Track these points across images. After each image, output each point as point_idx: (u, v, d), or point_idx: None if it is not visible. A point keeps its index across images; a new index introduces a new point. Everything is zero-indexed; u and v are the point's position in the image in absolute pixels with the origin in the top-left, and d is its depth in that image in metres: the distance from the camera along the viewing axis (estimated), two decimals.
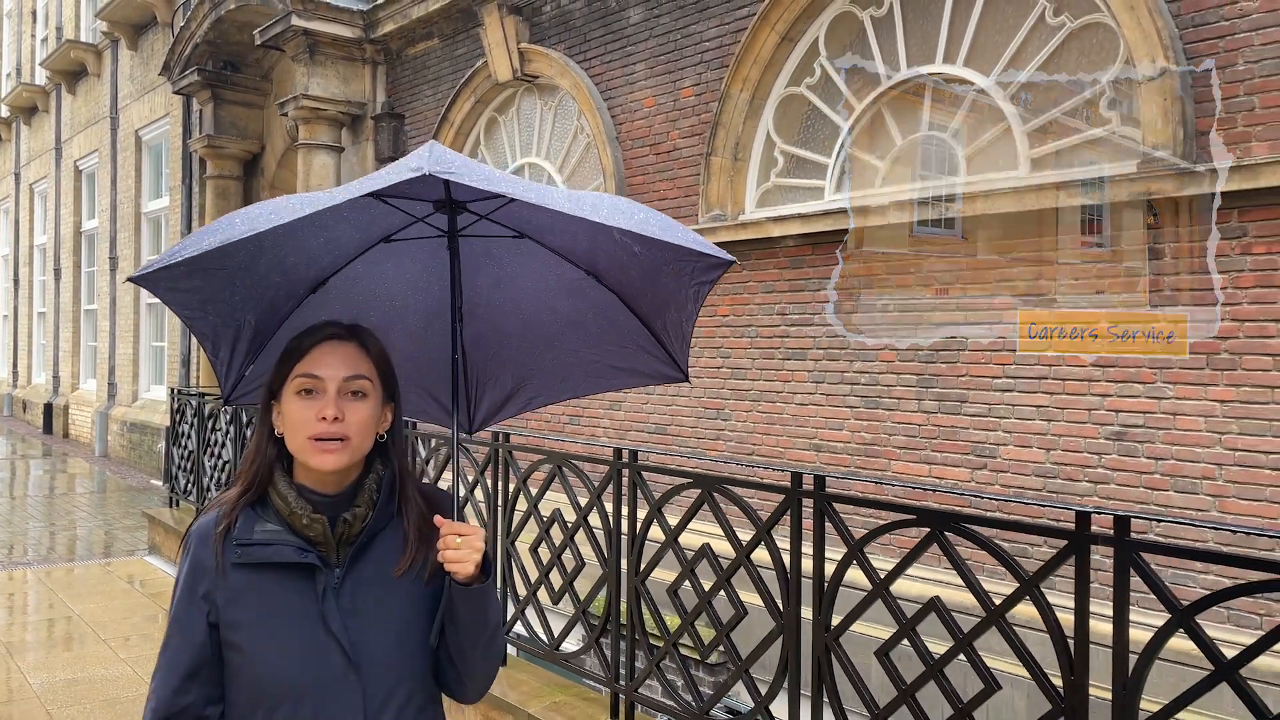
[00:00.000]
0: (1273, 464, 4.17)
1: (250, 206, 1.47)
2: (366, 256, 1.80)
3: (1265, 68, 4.20)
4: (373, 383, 1.53)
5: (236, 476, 1.56)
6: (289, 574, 1.47)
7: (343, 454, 1.48)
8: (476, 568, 1.47)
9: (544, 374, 1.97)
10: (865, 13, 5.91)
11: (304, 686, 1.44)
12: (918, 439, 5.44)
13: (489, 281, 1.83)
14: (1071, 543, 2.41)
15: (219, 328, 1.69)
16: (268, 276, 1.68)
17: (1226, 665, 2.15)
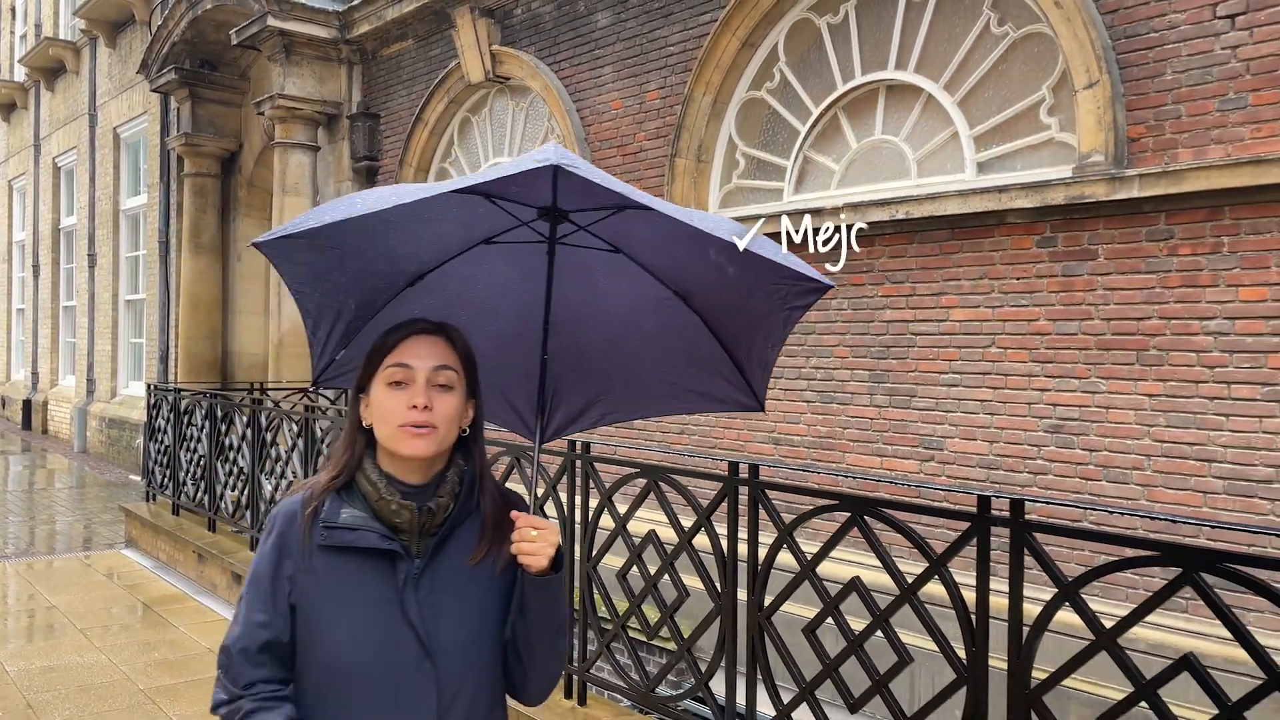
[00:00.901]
0: (1196, 455, 4.39)
1: (375, 189, 1.51)
2: (466, 256, 1.82)
3: (1191, 78, 4.41)
4: (458, 375, 1.57)
5: (325, 463, 1.61)
6: (371, 560, 1.50)
7: (431, 441, 1.51)
8: (549, 561, 1.51)
9: (620, 391, 1.98)
10: (822, 20, 6.10)
11: (379, 672, 1.48)
12: (870, 432, 5.65)
13: (578, 294, 1.83)
14: (974, 524, 2.61)
15: (323, 306, 1.72)
16: (375, 264, 1.72)
17: (1106, 635, 2.35)
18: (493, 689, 1.57)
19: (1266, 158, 4.11)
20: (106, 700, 4.81)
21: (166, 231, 12.73)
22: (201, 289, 11.66)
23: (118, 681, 5.08)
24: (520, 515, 1.53)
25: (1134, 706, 2.31)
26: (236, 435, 7.12)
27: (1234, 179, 4.18)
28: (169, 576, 7.40)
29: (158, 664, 5.37)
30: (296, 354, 9.81)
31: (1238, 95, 4.28)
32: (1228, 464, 4.30)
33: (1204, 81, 4.38)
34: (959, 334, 5.23)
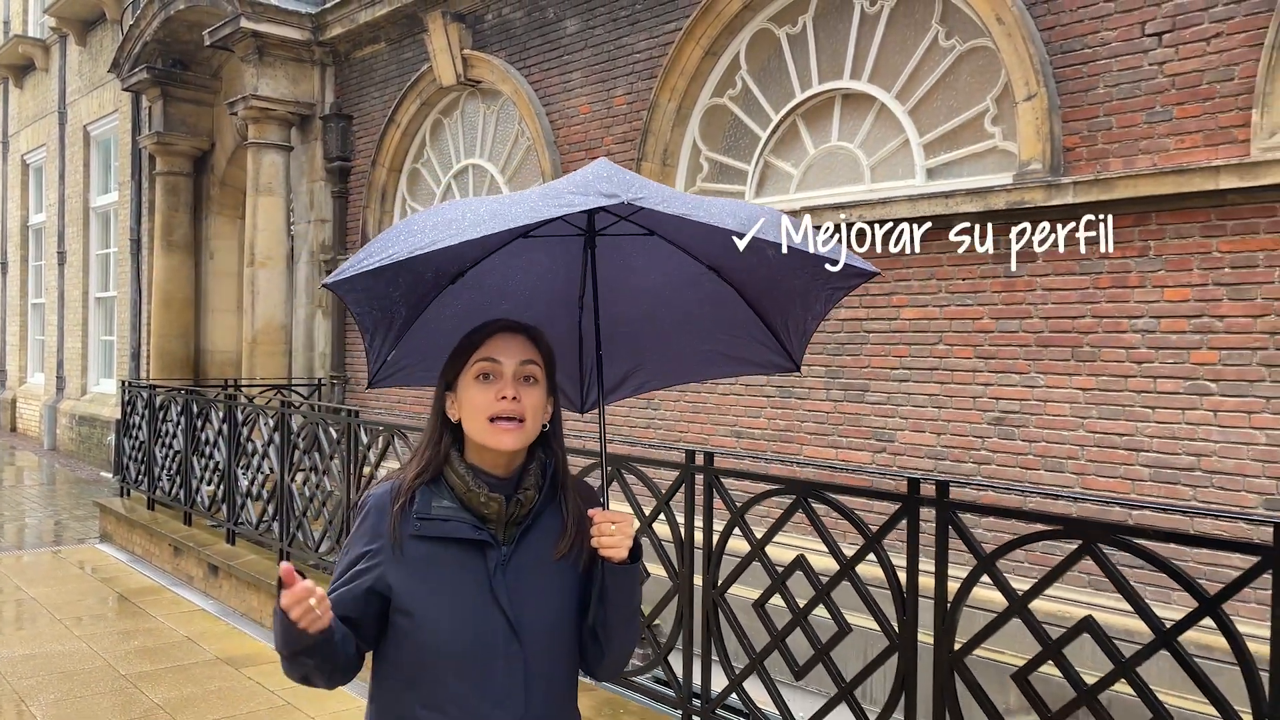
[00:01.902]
0: (1125, 444, 4.69)
1: (430, 212, 1.57)
2: (504, 250, 1.86)
3: (1121, 91, 4.71)
4: (542, 369, 1.65)
5: (411, 458, 1.68)
6: (462, 549, 1.58)
7: (519, 434, 1.59)
8: (628, 551, 1.59)
9: (656, 360, 2.06)
10: (782, 30, 6.36)
11: (470, 654, 1.56)
12: (826, 425, 5.91)
13: (612, 273, 1.86)
14: (904, 504, 2.86)
15: (379, 321, 1.78)
16: (424, 273, 1.76)
17: (1019, 602, 2.61)
18: (572, 670, 1.67)
19: (1188, 167, 4.41)
20: (89, 685, 4.97)
21: (138, 229, 12.78)
22: (174, 287, 11.74)
23: (99, 668, 5.24)
24: (597, 511, 1.60)
25: (1042, 665, 2.57)
26: (212, 430, 7.26)
27: (1159, 187, 4.48)
28: (145, 569, 7.54)
29: (137, 651, 5.53)
30: (269, 351, 9.95)
31: (1164, 108, 4.57)
32: (1154, 453, 4.60)
33: (1133, 95, 4.67)
34: (909, 331, 5.50)
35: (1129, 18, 4.68)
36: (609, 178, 1.47)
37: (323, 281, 1.65)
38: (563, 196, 1.45)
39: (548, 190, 1.48)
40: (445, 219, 1.49)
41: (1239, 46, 4.35)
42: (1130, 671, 2.39)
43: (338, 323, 9.99)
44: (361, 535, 1.63)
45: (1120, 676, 2.41)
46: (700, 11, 6.48)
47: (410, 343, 1.83)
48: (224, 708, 4.67)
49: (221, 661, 5.38)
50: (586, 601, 1.65)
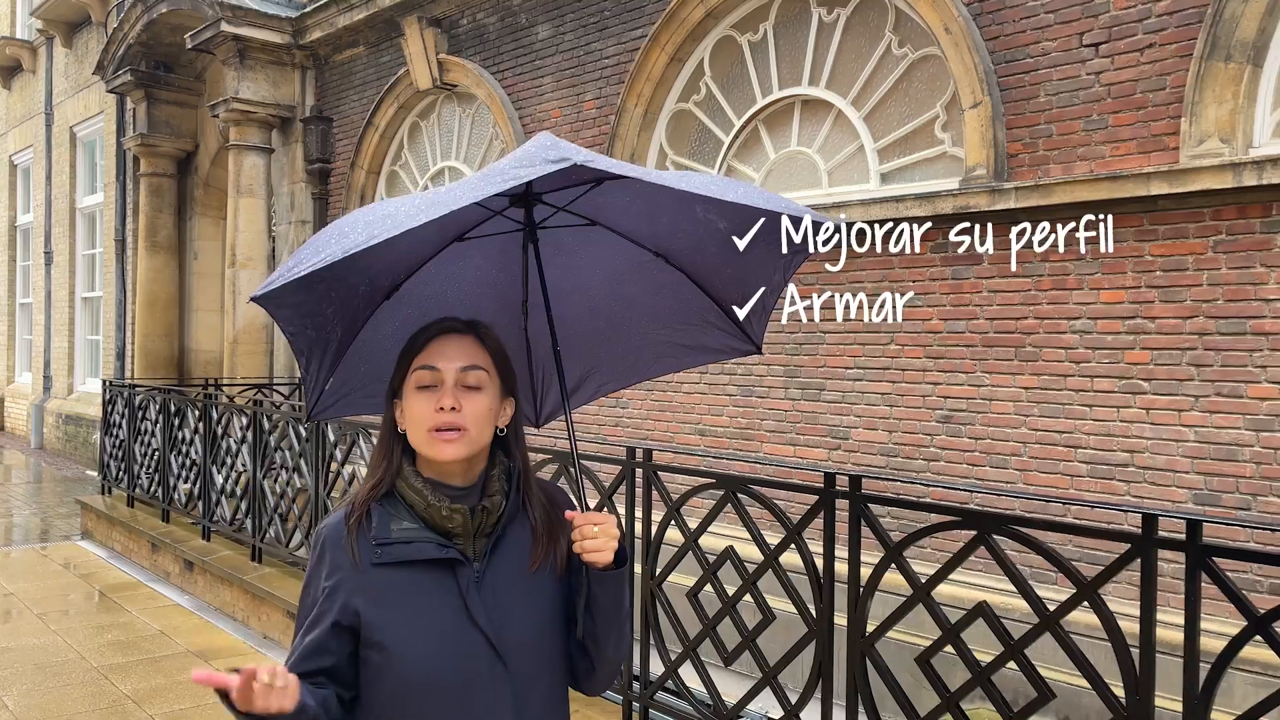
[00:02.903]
0: (1065, 441, 4.84)
1: (360, 211, 1.47)
2: (439, 257, 1.77)
3: (1061, 100, 4.86)
4: (489, 374, 1.54)
5: (367, 475, 1.57)
6: (430, 570, 1.47)
7: (460, 444, 1.48)
8: (613, 555, 1.49)
9: (611, 360, 1.96)
10: (744, 38, 6.51)
11: (452, 682, 1.45)
12: (785, 423, 6.07)
13: (555, 272, 1.77)
14: (821, 497, 3.02)
15: (314, 341, 1.67)
16: (356, 287, 1.67)
17: (922, 589, 2.76)
18: (561, 683, 1.57)
19: (1122, 174, 4.56)
20: (61, 677, 5.11)
21: (123, 230, 12.90)
22: (158, 287, 11.86)
23: (72, 661, 5.37)
24: (577, 514, 1.50)
25: (943, 649, 2.72)
26: (189, 429, 7.40)
27: (1095, 193, 4.63)
28: (123, 565, 7.67)
29: (110, 644, 5.67)
30: (250, 351, 10.08)
31: (1100, 117, 4.73)
32: (1091, 449, 4.75)
33: (1072, 104, 4.83)
34: (862, 331, 5.66)
35: (1068, 28, 4.84)
36: (552, 146, 1.38)
37: (251, 295, 1.52)
38: (506, 173, 1.36)
39: (488, 171, 1.39)
40: (380, 214, 1.39)
41: (1170, 57, 4.51)
42: (1018, 653, 2.55)
43: None
44: (319, 571, 1.51)
45: (1011, 657, 2.56)
46: (665, 19, 6.63)
47: (348, 367, 1.73)
48: (191, 698, 4.81)
49: (192, 654, 5.52)
50: (569, 611, 1.55)
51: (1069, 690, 3.03)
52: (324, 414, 1.81)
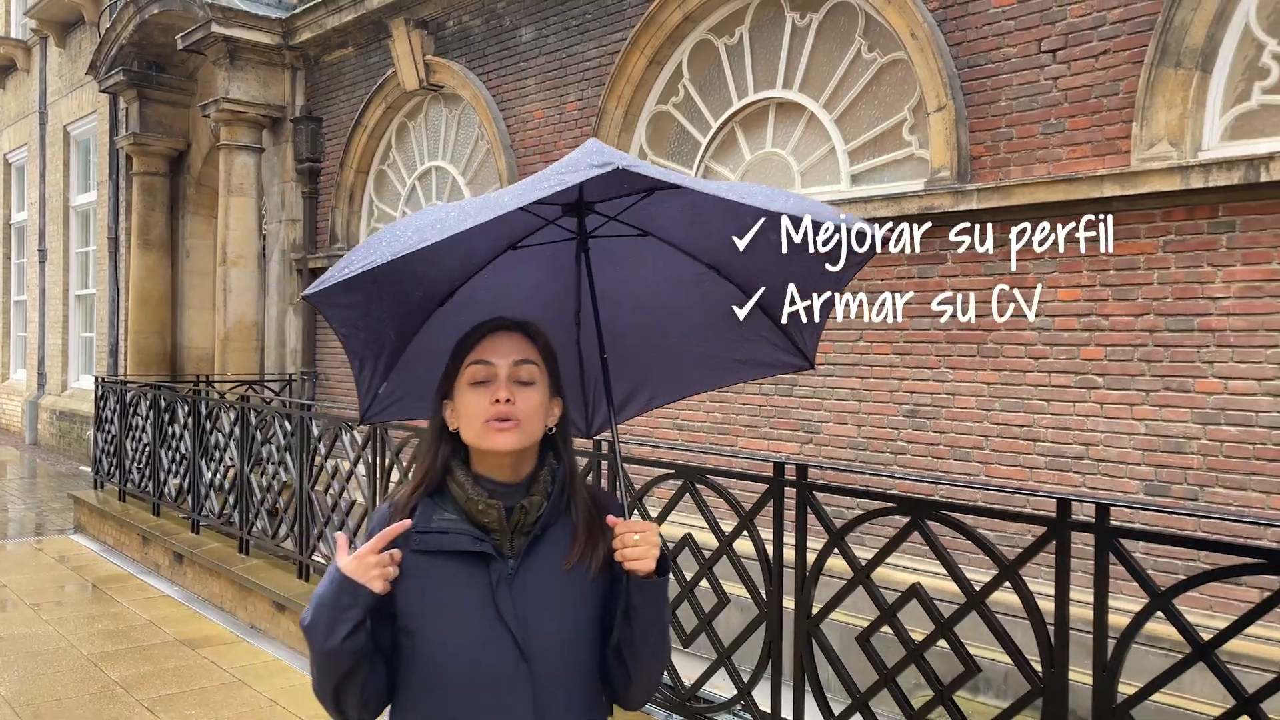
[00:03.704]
0: (1025, 435, 5.00)
1: (413, 216, 1.50)
2: (493, 265, 1.79)
3: (1020, 104, 5.02)
4: (540, 370, 1.57)
5: (414, 471, 1.62)
6: (464, 562, 1.50)
7: (515, 434, 1.51)
8: (654, 563, 1.49)
9: (662, 373, 1.95)
10: (720, 41, 6.66)
11: (475, 674, 1.48)
12: (759, 418, 6.22)
13: (608, 283, 1.78)
14: (770, 487, 3.17)
15: (367, 344, 1.70)
16: (410, 292, 1.69)
17: (861, 571, 2.92)
18: (591, 691, 1.56)
19: (1077, 176, 4.72)
20: (53, 664, 5.26)
21: (116, 228, 13.04)
22: (151, 285, 11.99)
23: (63, 649, 5.52)
24: (619, 521, 1.50)
25: (880, 628, 2.88)
26: (179, 424, 7.54)
27: (1051, 194, 4.79)
28: (115, 558, 7.82)
29: (100, 634, 5.82)
30: (240, 348, 10.23)
31: (1057, 121, 4.89)
32: (1049, 442, 4.92)
33: (1031, 108, 4.98)
34: (832, 329, 5.81)
35: (1027, 35, 4.99)
36: (598, 151, 1.42)
37: (303, 293, 1.64)
38: (552, 178, 1.40)
39: (535, 177, 1.43)
40: (430, 220, 1.43)
41: (1123, 63, 4.66)
42: (949, 631, 2.70)
43: (308, 320, 10.26)
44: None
45: (941, 635, 2.72)
46: (644, 23, 6.77)
47: (403, 372, 1.76)
48: (178, 684, 4.96)
49: (180, 643, 5.67)
50: (606, 618, 1.55)
51: (994, 666, 3.18)
52: (378, 417, 1.83)
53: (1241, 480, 4.31)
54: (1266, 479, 4.24)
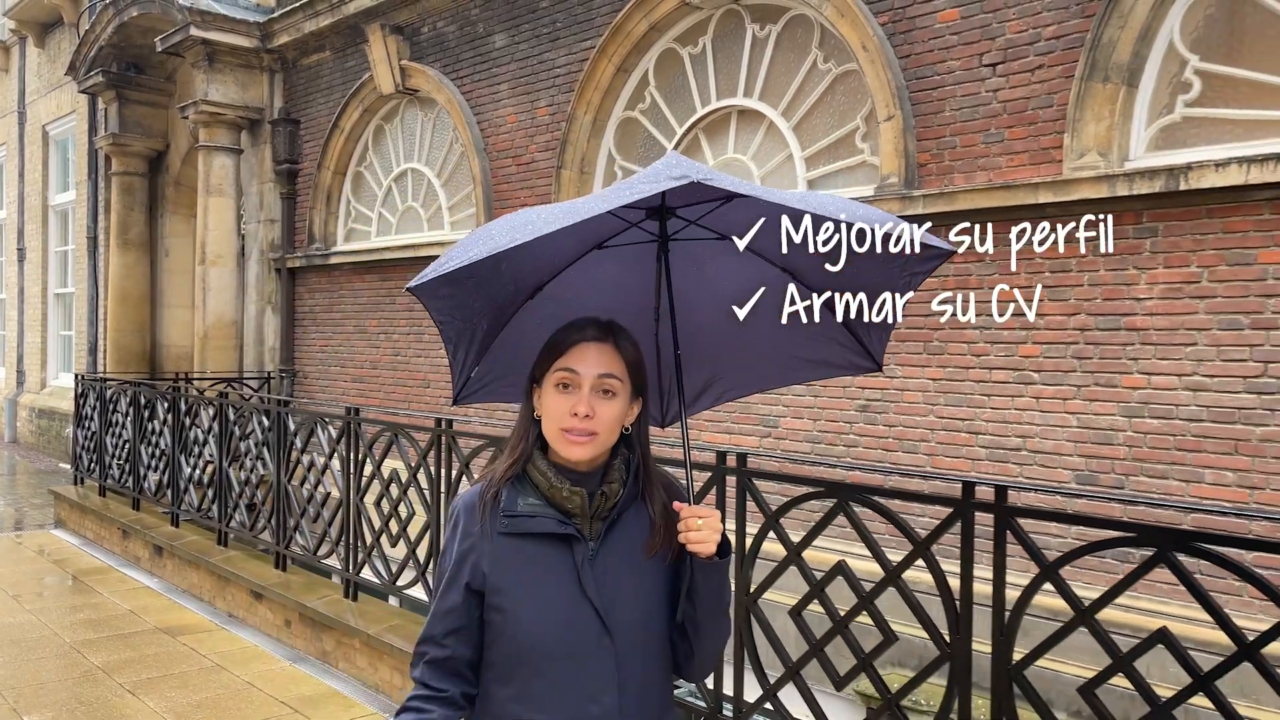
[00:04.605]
0: (966, 428, 5.28)
1: (505, 218, 1.60)
2: (579, 263, 1.88)
3: (963, 115, 5.29)
4: (623, 382, 1.64)
5: (503, 453, 1.71)
6: (549, 544, 1.60)
7: (589, 447, 1.60)
8: (716, 547, 1.60)
9: (735, 369, 2.05)
10: (685, 50, 6.90)
11: (562, 648, 1.57)
12: (721, 413, 6.47)
13: (685, 282, 1.87)
14: (713, 475, 3.42)
15: (461, 331, 1.82)
16: (504, 285, 1.79)
17: (794, 551, 3.17)
18: (664, 665, 1.67)
19: (1014, 183, 4.99)
20: (36, 650, 5.45)
21: (94, 228, 13.15)
22: (130, 283, 12.13)
23: (46, 637, 5.71)
24: (683, 506, 1.62)
25: (809, 604, 3.13)
26: (159, 420, 7.72)
27: (990, 200, 5.06)
28: (96, 552, 7.99)
29: (82, 622, 6.01)
30: (220, 346, 10.40)
31: (997, 131, 5.16)
32: (989, 435, 5.19)
33: (973, 119, 5.25)
34: None
35: (970, 49, 5.26)
36: (677, 164, 1.51)
37: (406, 285, 1.69)
38: (634, 186, 1.49)
39: (619, 185, 1.54)
40: (521, 221, 1.53)
41: (1057, 78, 4.94)
42: (870, 604, 2.96)
43: (287, 318, 10.44)
44: (454, 538, 1.66)
45: (862, 608, 2.97)
46: (611, 31, 7.01)
47: (493, 358, 1.87)
48: (158, 669, 5.16)
49: (160, 631, 5.87)
50: (674, 598, 1.65)
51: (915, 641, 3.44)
52: (470, 398, 1.94)
53: (1163, 470, 4.59)
54: (1185, 468, 4.53)
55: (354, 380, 9.59)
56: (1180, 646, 2.32)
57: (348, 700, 4.82)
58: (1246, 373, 4.37)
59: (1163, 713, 2.32)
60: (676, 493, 1.70)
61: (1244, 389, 4.38)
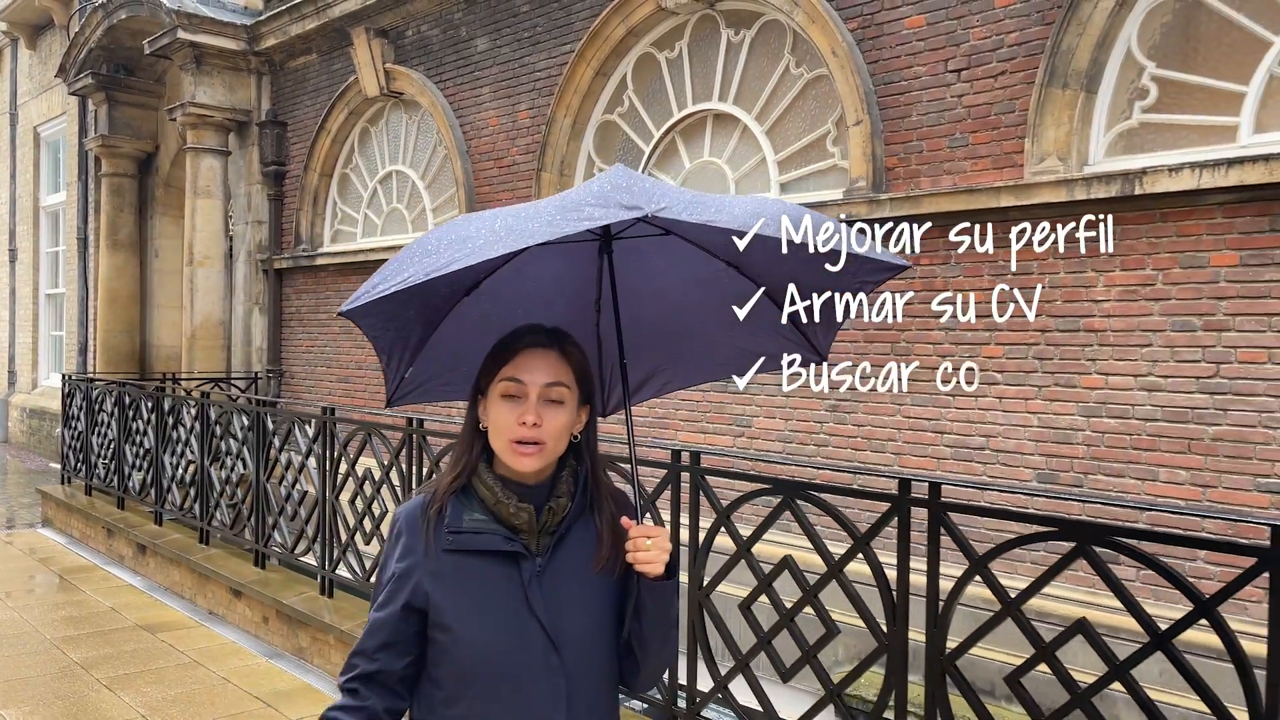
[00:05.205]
0: (932, 428, 5.37)
1: (444, 229, 1.55)
2: (519, 258, 1.82)
3: (929, 120, 5.38)
4: (570, 390, 1.61)
5: (448, 467, 1.66)
6: (495, 561, 1.56)
7: (537, 458, 1.56)
8: (664, 566, 1.56)
9: (678, 360, 2.03)
10: (662, 55, 6.99)
11: (509, 668, 1.54)
12: (696, 413, 6.56)
13: (630, 275, 1.84)
14: (669, 472, 3.50)
15: (394, 341, 1.77)
16: (438, 289, 1.73)
17: (744, 546, 3.26)
18: (612, 679, 1.65)
19: (977, 187, 5.09)
20: (18, 646, 5.52)
21: (85, 228, 13.22)
22: (119, 284, 12.20)
23: (28, 633, 5.79)
24: (632, 525, 1.58)
25: (758, 598, 3.22)
26: (143, 420, 7.79)
27: (955, 204, 5.15)
28: (81, 550, 8.06)
29: (64, 619, 6.08)
30: (207, 346, 10.48)
31: (962, 135, 5.25)
32: (954, 434, 5.28)
33: (939, 123, 5.34)
34: None
35: (935, 55, 5.35)
36: (628, 188, 1.46)
37: (339, 310, 1.68)
38: (582, 210, 1.45)
39: (564, 202, 1.48)
40: (460, 235, 1.49)
41: (1019, 84, 5.03)
42: (814, 597, 3.04)
43: (274, 319, 10.52)
44: (393, 553, 1.62)
45: (807, 602, 3.06)
46: (590, 36, 7.09)
47: (427, 358, 1.83)
48: (136, 664, 5.24)
49: (140, 628, 5.95)
50: (623, 612, 1.63)
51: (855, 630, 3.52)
52: (402, 400, 1.88)
53: (1120, 468, 4.69)
54: (1141, 467, 4.62)
55: (340, 380, 9.67)
56: (1097, 636, 2.41)
57: (320, 695, 4.90)
58: (1199, 373, 4.47)
59: (1082, 700, 2.41)
60: (625, 504, 1.67)
61: (1197, 389, 4.47)
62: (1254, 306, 4.33)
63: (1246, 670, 2.16)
